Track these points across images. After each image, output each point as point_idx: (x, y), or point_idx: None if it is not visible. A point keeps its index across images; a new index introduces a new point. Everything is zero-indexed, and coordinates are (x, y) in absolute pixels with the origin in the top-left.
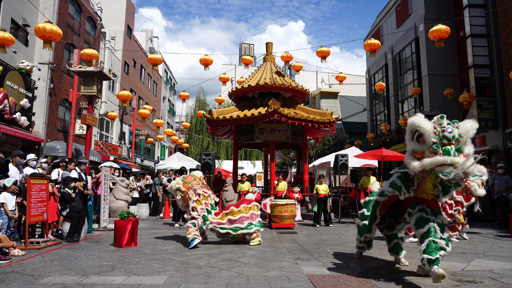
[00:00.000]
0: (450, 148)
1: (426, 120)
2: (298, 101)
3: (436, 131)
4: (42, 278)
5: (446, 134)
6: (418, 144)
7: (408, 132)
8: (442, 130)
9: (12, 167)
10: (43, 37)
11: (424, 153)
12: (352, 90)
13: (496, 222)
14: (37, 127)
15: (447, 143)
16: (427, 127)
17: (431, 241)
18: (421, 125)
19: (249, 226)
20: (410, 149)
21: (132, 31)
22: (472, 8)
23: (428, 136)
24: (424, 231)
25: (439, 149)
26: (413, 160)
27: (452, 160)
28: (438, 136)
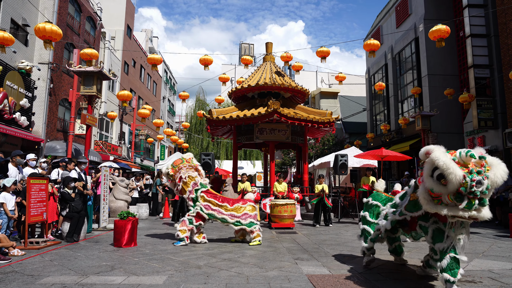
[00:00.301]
0: (474, 203)
1: (453, 163)
2: (298, 101)
3: (465, 181)
4: (42, 278)
5: (475, 189)
6: (438, 184)
7: (429, 167)
8: (471, 185)
9: (11, 167)
10: (43, 37)
11: (441, 196)
12: (352, 90)
13: (496, 222)
14: (37, 127)
15: (472, 197)
16: (455, 176)
17: (452, 257)
18: (450, 172)
19: (236, 223)
20: (428, 186)
21: (132, 31)
22: (472, 8)
23: (453, 186)
24: (445, 246)
25: (462, 202)
26: (427, 200)
27: (471, 216)
28: (464, 187)
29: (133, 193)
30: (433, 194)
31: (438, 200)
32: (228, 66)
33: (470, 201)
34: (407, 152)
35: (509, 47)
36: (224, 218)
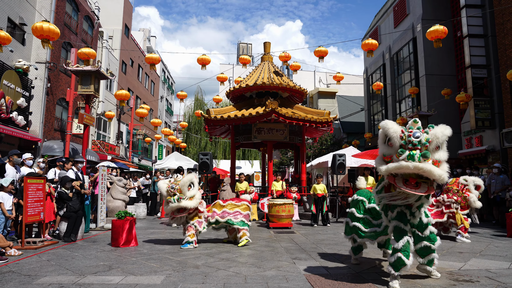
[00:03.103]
0: (415, 153)
1: (395, 124)
2: (296, 100)
3: (402, 135)
4: (39, 278)
5: (412, 139)
6: (387, 147)
7: (381, 135)
8: (408, 135)
9: (9, 166)
10: (40, 36)
11: (392, 157)
12: (349, 90)
13: (493, 221)
14: (34, 127)
15: (412, 147)
16: (394, 131)
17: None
18: (388, 128)
19: (228, 220)
20: (381, 152)
21: (129, 31)
22: (469, 9)
23: (394, 141)
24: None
25: (404, 153)
26: (382, 164)
27: (416, 166)
28: (404, 141)
29: (130, 193)
30: (386, 158)
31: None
32: (226, 65)
33: (411, 153)
34: None
35: (506, 47)
36: (217, 221)
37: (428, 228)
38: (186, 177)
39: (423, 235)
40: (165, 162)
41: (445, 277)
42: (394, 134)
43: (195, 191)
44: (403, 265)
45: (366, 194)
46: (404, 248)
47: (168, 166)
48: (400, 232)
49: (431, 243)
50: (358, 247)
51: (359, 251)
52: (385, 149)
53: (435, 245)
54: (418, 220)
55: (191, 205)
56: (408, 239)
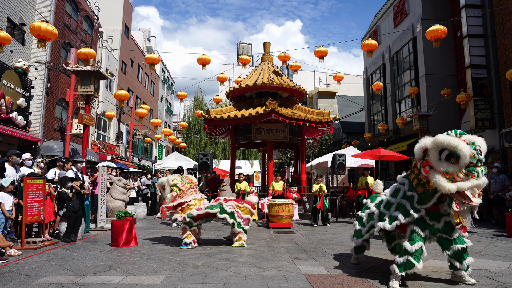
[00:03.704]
0: (481, 170)
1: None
2: (296, 100)
3: (473, 153)
4: (39, 278)
5: (479, 157)
6: (450, 165)
7: (435, 150)
8: (477, 153)
9: (8, 166)
10: (38, 36)
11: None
12: (349, 90)
13: (493, 221)
14: (34, 127)
15: (480, 165)
16: (467, 150)
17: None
18: (461, 147)
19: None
20: (441, 170)
21: (129, 31)
22: (469, 9)
23: (466, 159)
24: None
25: (475, 172)
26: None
27: (484, 182)
28: (473, 158)
29: (130, 193)
30: (447, 175)
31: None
32: (226, 65)
33: (478, 169)
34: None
35: (506, 47)
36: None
37: (456, 231)
38: (159, 180)
39: (452, 237)
40: (165, 162)
41: (445, 276)
42: (468, 153)
43: (166, 193)
44: (411, 267)
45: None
46: (417, 253)
47: (168, 166)
48: (417, 236)
49: (463, 243)
50: (360, 247)
51: (361, 251)
52: (447, 166)
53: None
54: (443, 224)
55: (169, 205)
56: (422, 246)
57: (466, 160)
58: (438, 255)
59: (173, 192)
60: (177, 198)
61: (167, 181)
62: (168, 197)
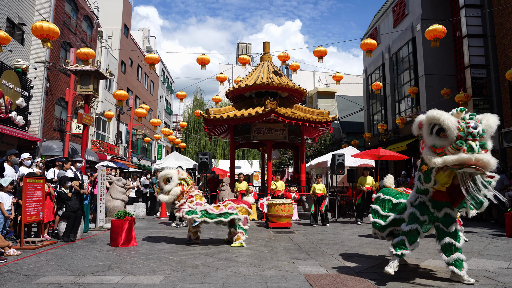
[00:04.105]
0: (475, 144)
1: (448, 114)
2: (295, 100)
3: (460, 126)
4: (38, 278)
5: (471, 130)
6: (438, 138)
7: (426, 126)
8: (466, 126)
9: (7, 166)
10: (40, 36)
11: (444, 148)
12: (349, 89)
13: (492, 221)
14: (33, 126)
15: (471, 139)
16: (450, 121)
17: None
18: (444, 119)
19: (226, 215)
20: (430, 144)
21: (129, 30)
22: (468, 9)
23: (451, 132)
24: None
25: (463, 145)
26: (433, 156)
27: (477, 158)
28: (462, 132)
29: (129, 193)
30: (436, 150)
31: (443, 153)
32: (226, 65)
33: (471, 144)
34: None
35: (505, 47)
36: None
37: (454, 225)
38: (163, 172)
39: (448, 230)
40: (164, 162)
41: (444, 276)
42: (452, 125)
43: (171, 186)
44: (404, 247)
45: (393, 193)
46: (411, 233)
47: (168, 166)
48: (414, 219)
49: (456, 240)
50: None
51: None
52: (436, 140)
53: (459, 243)
54: (443, 214)
55: (163, 200)
56: (418, 228)
57: (452, 133)
58: (437, 254)
59: (182, 185)
60: (184, 192)
61: (176, 174)
62: (175, 190)
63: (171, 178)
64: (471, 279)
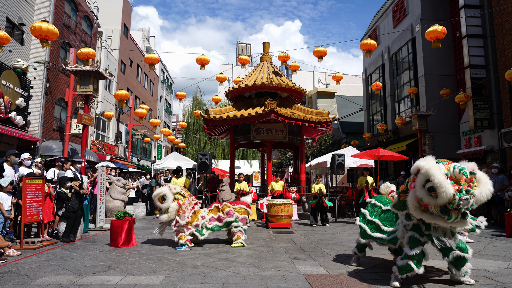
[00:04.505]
0: (457, 217)
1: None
2: (295, 100)
3: (453, 199)
4: (38, 278)
5: (461, 206)
6: (428, 195)
7: (423, 178)
8: (458, 201)
9: (7, 166)
10: (39, 36)
11: (429, 205)
12: (348, 90)
13: (492, 221)
14: (33, 127)
15: (456, 212)
16: (447, 194)
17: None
18: (443, 189)
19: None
20: (418, 195)
21: (128, 31)
22: (468, 9)
23: (443, 202)
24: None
25: (446, 215)
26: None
27: (451, 225)
28: (451, 205)
29: (129, 193)
30: (421, 202)
31: (425, 208)
32: (225, 65)
33: (454, 215)
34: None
35: (505, 48)
36: (216, 226)
37: (456, 238)
38: (156, 191)
39: (450, 245)
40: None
41: (444, 277)
42: (446, 198)
43: (168, 203)
44: (410, 271)
45: (384, 200)
46: (416, 257)
47: (167, 166)
48: (415, 241)
49: (464, 252)
50: (363, 245)
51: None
52: (425, 196)
53: (469, 254)
54: (441, 231)
55: (165, 220)
56: (423, 250)
57: (442, 201)
58: (437, 255)
59: (178, 200)
60: (182, 207)
61: (169, 190)
62: (172, 207)
63: (166, 196)
64: (471, 280)
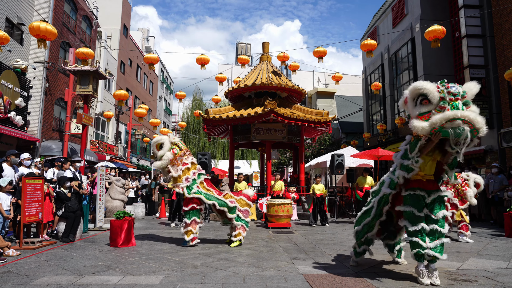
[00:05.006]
0: (458, 103)
1: (428, 82)
2: (295, 100)
3: (439, 89)
4: (37, 278)
5: (451, 90)
6: (423, 106)
7: (410, 100)
8: (446, 88)
9: (6, 166)
10: (37, 36)
11: (430, 114)
12: (348, 90)
13: (491, 221)
14: (32, 127)
15: (453, 98)
16: (430, 86)
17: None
18: (424, 86)
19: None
20: (416, 113)
21: (128, 30)
22: (467, 9)
23: (433, 95)
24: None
25: (446, 104)
26: (418, 122)
27: (462, 114)
28: (443, 94)
29: (129, 193)
30: (423, 117)
31: (429, 119)
32: (225, 65)
33: (454, 103)
34: None
35: (504, 48)
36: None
37: (442, 211)
38: (155, 138)
39: (436, 217)
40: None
41: (444, 276)
42: (432, 88)
43: (164, 151)
44: (420, 248)
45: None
46: (420, 232)
47: None
48: (414, 218)
49: (441, 227)
50: (362, 251)
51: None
52: (420, 108)
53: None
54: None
55: (157, 165)
56: (423, 225)
57: (434, 96)
58: None
59: (173, 149)
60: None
61: (167, 139)
62: (167, 155)
63: (163, 144)
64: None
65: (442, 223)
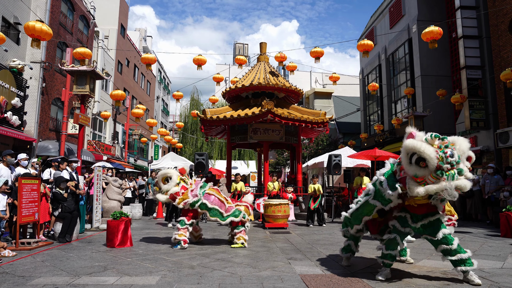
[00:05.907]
0: (454, 173)
1: (427, 144)
2: (292, 101)
3: (438, 156)
4: (33, 279)
5: (450, 160)
6: (419, 168)
7: (404, 154)
8: (445, 156)
9: (2, 166)
10: (32, 35)
11: (425, 177)
12: (345, 90)
13: (487, 221)
14: (29, 127)
15: (450, 167)
16: (430, 152)
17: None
18: (424, 150)
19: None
20: (411, 174)
21: (125, 30)
22: (464, 10)
23: (432, 162)
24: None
25: (443, 175)
26: (416, 185)
27: (456, 185)
28: (441, 162)
29: (126, 193)
30: (418, 179)
31: (424, 183)
32: (222, 66)
33: (450, 172)
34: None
35: (500, 49)
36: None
37: (440, 231)
38: (163, 171)
39: (436, 238)
40: (161, 162)
41: (439, 276)
42: (432, 155)
43: (170, 186)
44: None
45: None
46: (392, 243)
47: (164, 166)
48: (395, 231)
49: (450, 243)
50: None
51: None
52: (417, 170)
53: (454, 245)
54: (427, 224)
55: (161, 199)
56: (396, 237)
57: (433, 162)
58: (433, 255)
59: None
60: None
61: (176, 174)
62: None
63: (170, 178)
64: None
65: (448, 240)
